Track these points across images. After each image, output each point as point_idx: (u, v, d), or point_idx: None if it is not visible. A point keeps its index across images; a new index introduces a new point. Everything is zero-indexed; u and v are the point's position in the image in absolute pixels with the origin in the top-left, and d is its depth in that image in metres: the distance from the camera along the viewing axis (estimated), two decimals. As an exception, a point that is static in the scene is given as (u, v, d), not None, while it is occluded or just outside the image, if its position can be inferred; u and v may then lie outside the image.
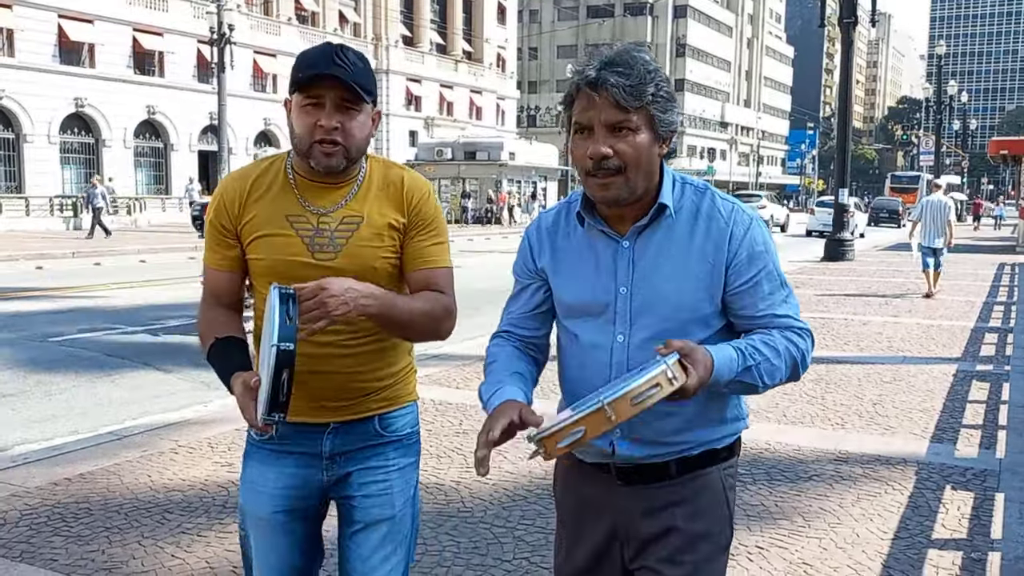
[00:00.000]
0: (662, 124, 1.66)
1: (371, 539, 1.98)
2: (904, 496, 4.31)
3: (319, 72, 1.81)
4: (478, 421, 5.56)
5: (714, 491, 1.79)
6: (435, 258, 1.98)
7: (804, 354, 1.73)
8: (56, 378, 7.06)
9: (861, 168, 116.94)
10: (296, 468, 1.98)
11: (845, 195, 19.73)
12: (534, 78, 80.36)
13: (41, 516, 3.91)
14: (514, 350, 1.88)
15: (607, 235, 1.75)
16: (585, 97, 1.64)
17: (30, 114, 30.84)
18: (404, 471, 2.04)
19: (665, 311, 1.71)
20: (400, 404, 2.05)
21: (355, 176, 1.96)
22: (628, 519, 1.79)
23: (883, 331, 9.59)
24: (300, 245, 1.90)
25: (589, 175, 1.66)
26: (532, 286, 1.88)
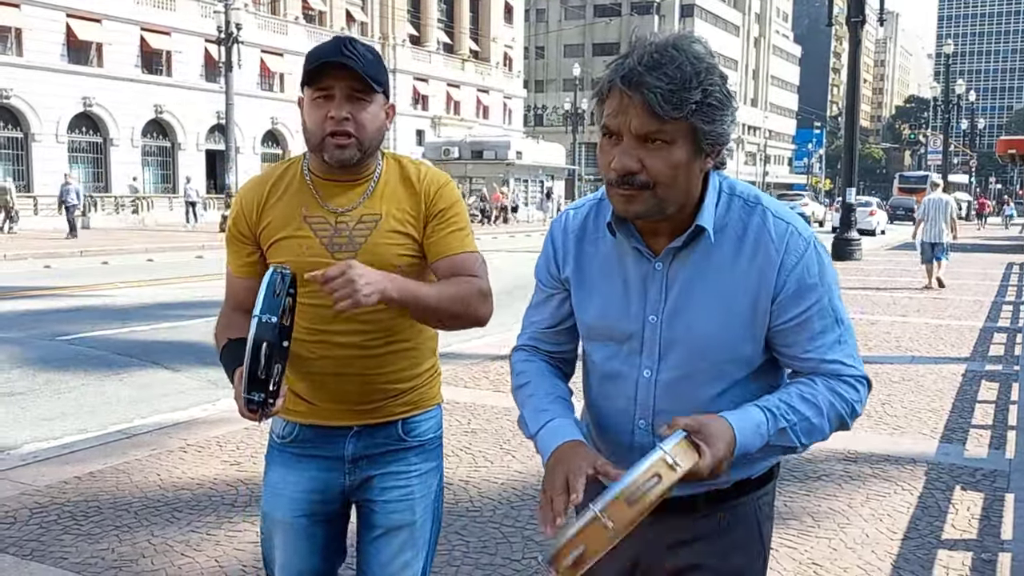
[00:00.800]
0: (707, 137, 1.40)
1: (391, 545, 1.96)
2: (913, 496, 4.29)
3: (327, 61, 1.77)
4: (486, 420, 5.58)
5: (747, 525, 1.61)
6: (459, 244, 1.92)
7: (855, 406, 1.51)
8: (65, 376, 7.08)
9: (868, 167, 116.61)
10: (318, 472, 1.96)
11: (852, 194, 19.66)
12: (541, 77, 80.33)
13: (51, 514, 3.92)
14: (545, 366, 1.70)
15: (640, 252, 1.52)
16: (617, 97, 1.38)
17: (38, 113, 30.95)
18: (425, 476, 2.01)
19: (699, 349, 1.50)
20: (424, 408, 2.03)
21: (371, 173, 1.92)
22: (652, 552, 1.61)
23: (891, 331, 9.56)
24: (319, 246, 1.88)
25: (611, 185, 1.44)
26: (557, 297, 1.67)
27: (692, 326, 1.50)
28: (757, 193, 1.55)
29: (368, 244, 1.87)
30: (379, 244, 1.88)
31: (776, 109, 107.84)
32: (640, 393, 1.55)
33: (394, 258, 1.88)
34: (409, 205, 1.91)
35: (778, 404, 1.45)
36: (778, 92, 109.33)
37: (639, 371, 1.55)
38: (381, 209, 1.90)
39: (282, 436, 2.01)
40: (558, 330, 1.69)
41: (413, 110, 49.26)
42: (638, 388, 1.55)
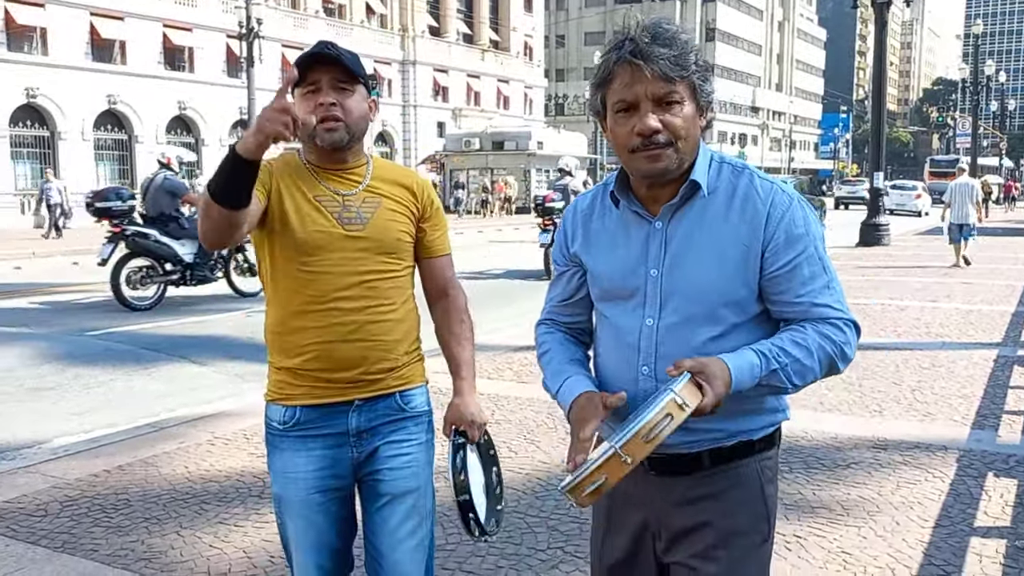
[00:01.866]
0: (703, 94, 1.63)
1: (397, 512, 2.07)
2: (945, 483, 4.23)
3: (312, 54, 1.97)
4: (510, 411, 5.58)
5: (749, 485, 1.72)
6: (444, 246, 2.23)
7: (844, 348, 1.64)
8: (94, 371, 7.17)
9: (896, 151, 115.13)
10: (325, 450, 2.05)
11: (880, 179, 19.42)
12: (562, 66, 79.98)
13: (81, 507, 3.97)
14: (562, 336, 1.89)
15: (640, 216, 1.70)
16: (627, 72, 1.58)
17: (64, 111, 31.28)
18: (424, 446, 2.16)
19: (695, 295, 1.64)
20: (416, 383, 2.17)
21: (363, 163, 2.12)
22: (661, 511, 1.74)
23: (921, 316, 9.44)
24: (331, 219, 2.03)
25: (635, 151, 1.61)
26: (568, 273, 1.86)
27: (689, 275, 1.65)
28: (744, 162, 1.74)
29: (376, 219, 2.06)
30: (385, 221, 2.08)
31: (801, 94, 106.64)
32: (643, 341, 1.69)
33: (397, 234, 2.10)
34: (403, 195, 2.13)
35: (771, 348, 1.59)
36: (803, 76, 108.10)
37: (642, 321, 1.69)
38: (380, 192, 2.10)
39: (283, 422, 2.08)
40: (571, 302, 1.88)
41: (433, 102, 49.22)
42: (641, 336, 1.69)
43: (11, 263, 16.68)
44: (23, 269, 15.85)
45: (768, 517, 1.75)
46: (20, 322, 9.63)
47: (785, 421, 1.80)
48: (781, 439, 1.81)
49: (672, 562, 1.74)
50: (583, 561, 3.34)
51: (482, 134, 40.75)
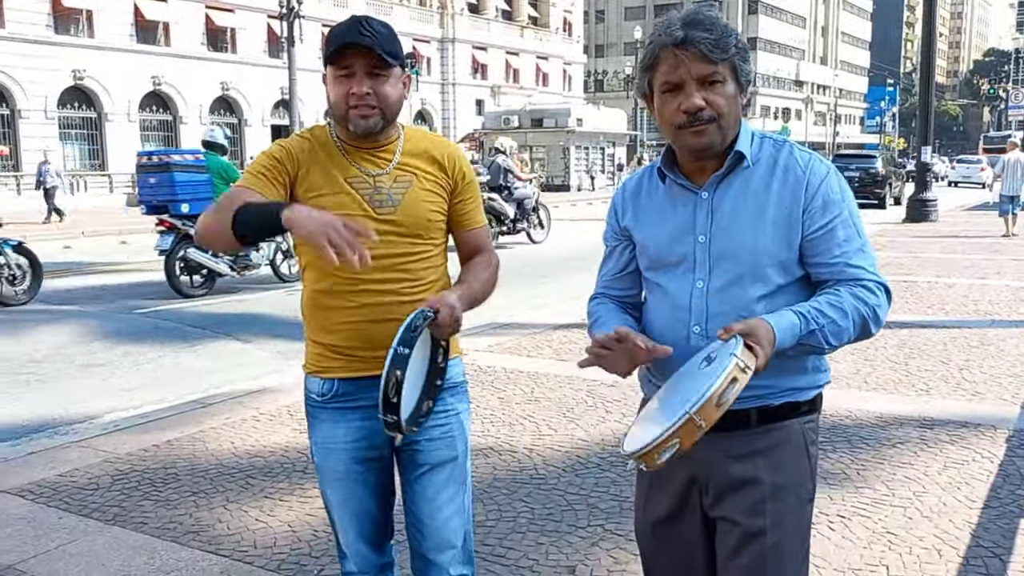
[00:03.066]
0: (743, 74, 1.75)
1: (436, 480, 2.11)
2: (994, 464, 4.15)
3: (346, 43, 1.92)
4: (549, 389, 5.59)
5: (795, 443, 1.81)
6: (479, 217, 2.21)
7: (876, 310, 1.72)
8: (143, 348, 7.32)
9: (944, 125, 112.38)
10: (362, 421, 2.07)
11: (928, 153, 18.98)
12: (601, 41, 79.16)
13: (131, 481, 4.07)
14: (613, 306, 1.98)
15: (686, 188, 1.82)
16: (671, 57, 1.71)
17: (110, 94, 31.79)
18: (459, 416, 2.18)
19: (743, 256, 1.76)
20: (451, 355, 2.15)
21: (395, 139, 2.09)
22: (708, 466, 1.80)
23: (969, 294, 9.23)
24: (361, 202, 2.02)
25: (681, 128, 1.73)
26: (619, 247, 1.98)
27: (737, 238, 1.76)
28: (783, 137, 1.87)
29: (406, 201, 2.05)
30: (416, 202, 2.06)
31: (847, 66, 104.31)
32: (694, 301, 1.80)
33: (429, 214, 2.08)
34: (434, 170, 2.11)
35: (809, 309, 1.68)
36: (849, 49, 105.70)
37: (692, 284, 1.80)
38: (412, 169, 2.08)
39: (322, 394, 2.11)
40: (623, 275, 1.98)
41: (472, 79, 49.09)
42: (692, 298, 1.80)
43: (61, 243, 17.06)
44: (72, 248, 16.20)
45: (812, 477, 1.84)
46: (71, 300, 9.87)
47: (827, 398, 1.87)
48: (822, 404, 1.90)
49: (718, 517, 1.81)
50: (623, 538, 3.34)
51: (521, 111, 40.57)
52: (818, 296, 1.73)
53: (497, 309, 8.83)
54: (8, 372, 6.53)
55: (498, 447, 4.49)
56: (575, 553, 3.28)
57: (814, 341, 1.67)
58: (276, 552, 3.32)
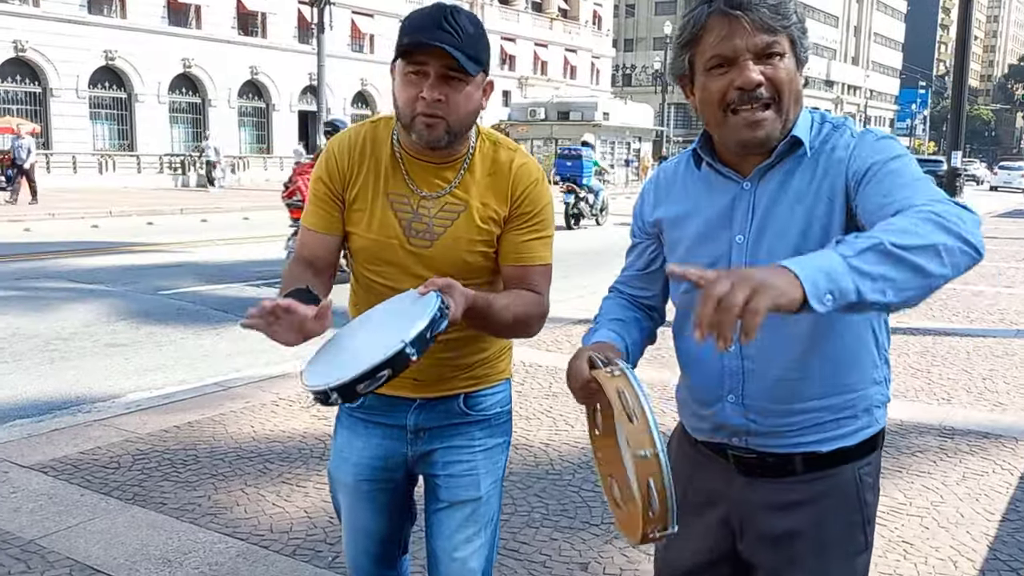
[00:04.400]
0: (803, 47, 1.48)
1: (455, 518, 1.94)
2: (1014, 476, 4.11)
3: (424, 40, 1.66)
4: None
5: (846, 493, 1.57)
6: (534, 254, 1.86)
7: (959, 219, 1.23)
8: (166, 330, 7.40)
9: (976, 130, 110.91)
10: (381, 439, 1.96)
11: (958, 158, 18.75)
12: (630, 36, 78.70)
13: (152, 461, 4.12)
14: (624, 301, 1.79)
15: (726, 177, 1.56)
16: (723, 24, 1.42)
17: (141, 75, 32.05)
18: (490, 452, 1.97)
19: (783, 260, 1.48)
20: (489, 384, 1.97)
21: (463, 155, 1.83)
22: (744, 510, 1.61)
23: (995, 302, 9.13)
24: (397, 228, 1.82)
25: (733, 112, 1.45)
26: (641, 245, 1.76)
27: (776, 242, 1.49)
28: (844, 117, 1.56)
29: (446, 235, 1.81)
30: (457, 238, 1.82)
31: (878, 68, 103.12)
32: None
33: (468, 254, 1.83)
34: (495, 199, 1.83)
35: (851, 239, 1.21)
36: (881, 50, 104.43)
37: None
38: (467, 199, 1.82)
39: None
40: (642, 274, 1.77)
41: (500, 71, 48.97)
42: None
43: (89, 221, 17.25)
44: (100, 228, 16.38)
45: (865, 525, 1.59)
46: (97, 279, 9.98)
47: (882, 425, 1.63)
48: (884, 441, 1.65)
49: (754, 563, 1.62)
50: (637, 537, 3.34)
51: (548, 104, 40.44)
52: None
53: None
54: (34, 349, 6.63)
55: (515, 441, 4.50)
56: (588, 550, 3.28)
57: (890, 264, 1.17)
58: (292, 537, 3.35)
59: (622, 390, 1.37)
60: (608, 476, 1.61)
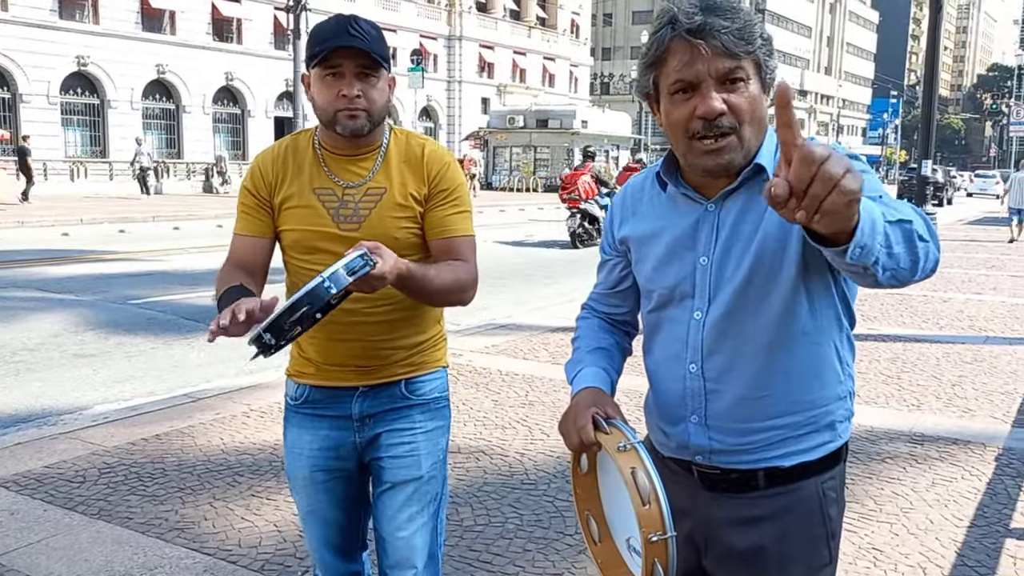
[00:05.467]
0: (768, 71, 1.45)
1: (397, 499, 2.07)
2: (982, 482, 4.15)
3: (337, 44, 1.86)
4: (544, 392, 5.58)
5: (809, 507, 1.57)
6: (457, 226, 2.03)
7: (916, 228, 1.24)
8: (136, 340, 7.31)
9: (946, 139, 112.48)
10: (330, 431, 2.08)
11: (929, 167, 18.94)
12: (608, 45, 79.03)
13: (118, 475, 4.06)
14: (598, 322, 1.81)
15: (691, 199, 1.56)
16: (685, 49, 1.41)
17: (114, 81, 31.72)
18: (431, 434, 2.11)
19: (743, 283, 1.49)
20: (427, 370, 2.11)
21: (378, 146, 2.03)
22: (708, 528, 1.61)
23: (965, 309, 9.23)
24: (326, 216, 1.98)
25: (695, 139, 1.44)
26: (610, 262, 1.77)
27: (739, 264, 1.50)
28: (811, 138, 1.53)
29: (372, 217, 1.98)
30: (383, 217, 1.98)
31: (851, 77, 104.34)
32: (691, 336, 1.57)
33: (395, 231, 1.99)
34: (413, 181, 2.01)
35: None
36: (853, 60, 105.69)
37: (690, 315, 1.57)
38: (386, 183, 2.01)
39: (295, 398, 2.14)
40: (613, 292, 1.78)
41: (478, 78, 49.03)
42: (689, 331, 1.57)
43: (59, 229, 17.04)
44: (70, 235, 16.18)
45: (829, 540, 1.60)
46: (66, 289, 9.84)
47: (846, 439, 1.62)
48: (847, 455, 1.65)
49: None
50: (609, 548, 3.33)
51: (526, 111, 40.57)
52: None
53: (495, 310, 8.83)
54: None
55: (490, 450, 4.48)
56: (562, 561, 3.27)
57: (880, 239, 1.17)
58: (261, 552, 3.31)
59: (636, 470, 1.42)
60: (585, 512, 1.66)
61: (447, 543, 3.35)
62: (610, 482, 1.59)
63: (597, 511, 1.65)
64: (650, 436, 1.73)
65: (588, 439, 1.52)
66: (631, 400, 5.02)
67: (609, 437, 1.50)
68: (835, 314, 1.55)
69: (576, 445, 1.56)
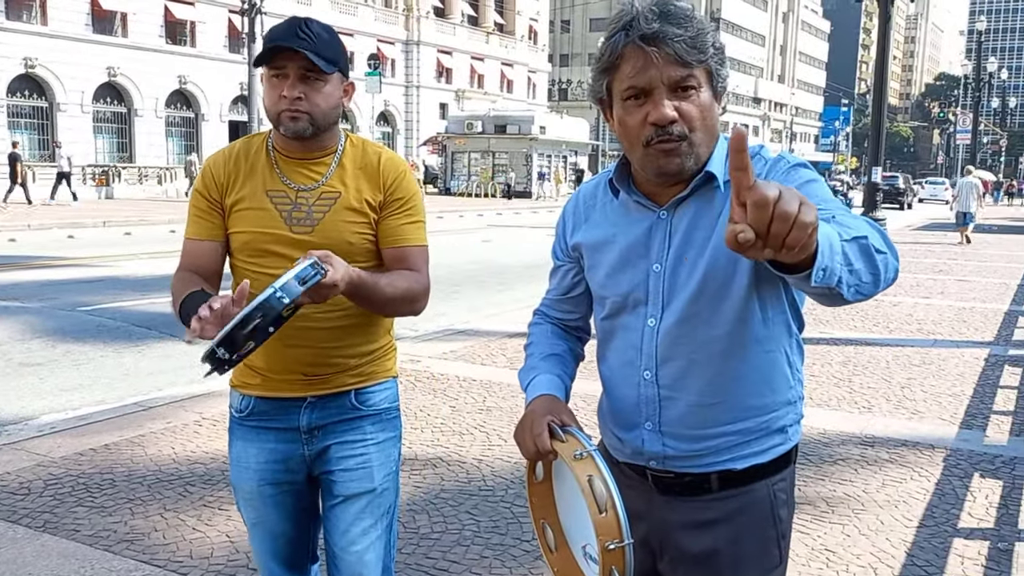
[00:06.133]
0: (720, 79, 1.47)
1: (349, 512, 2.01)
2: (931, 483, 4.24)
3: (279, 45, 1.86)
4: (502, 398, 5.57)
5: (760, 509, 1.59)
6: (410, 236, 2.01)
7: (875, 244, 1.27)
8: (84, 348, 7.14)
9: (896, 146, 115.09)
10: (276, 443, 2.02)
11: (878, 173, 19.36)
12: (566, 51, 79.52)
13: (65, 486, 3.96)
14: (550, 328, 1.82)
15: (643, 206, 1.56)
16: (638, 56, 1.42)
17: (63, 83, 31.09)
18: (383, 445, 2.06)
19: (696, 291, 1.50)
20: (377, 380, 2.07)
21: (332, 151, 2.00)
22: (663, 532, 1.63)
23: (914, 313, 9.44)
24: (278, 219, 1.94)
25: (648, 145, 1.45)
26: (563, 268, 1.77)
27: (691, 271, 1.51)
28: (759, 144, 1.58)
29: (325, 221, 1.94)
30: (336, 222, 1.95)
31: (803, 86, 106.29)
32: (645, 343, 1.57)
33: (350, 235, 1.95)
34: (368, 188, 1.99)
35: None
36: (806, 68, 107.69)
37: (644, 321, 1.57)
38: (341, 188, 1.97)
39: (240, 410, 2.07)
40: (565, 298, 1.79)
41: (436, 83, 48.99)
42: (643, 338, 1.57)
43: (6, 235, 16.61)
44: (17, 241, 15.79)
45: (779, 540, 1.62)
46: (11, 295, 9.60)
47: (796, 442, 1.65)
48: (797, 457, 1.67)
49: None
50: (566, 553, 3.33)
51: (484, 117, 40.58)
52: None
53: (453, 316, 8.81)
54: (-58, 368, 6.33)
55: (447, 457, 4.46)
56: (519, 567, 3.26)
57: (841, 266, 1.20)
58: (213, 563, 3.25)
59: (592, 477, 1.43)
60: (541, 520, 1.66)
61: (404, 551, 3.33)
62: (566, 490, 1.59)
63: (553, 519, 1.65)
64: (604, 441, 1.73)
65: (544, 448, 1.52)
66: (588, 405, 5.03)
67: (565, 445, 1.50)
68: (785, 320, 1.57)
69: (532, 454, 1.56)
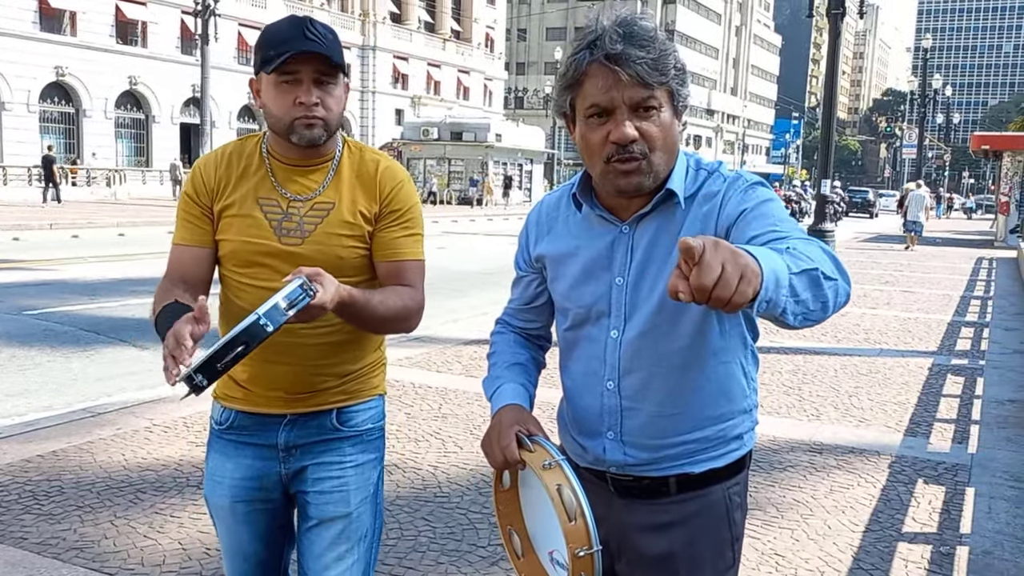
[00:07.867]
0: (681, 99, 1.51)
1: (324, 537, 1.92)
2: (876, 489, 4.35)
3: (295, 49, 1.73)
4: (457, 405, 5.58)
5: (716, 512, 1.63)
6: (406, 250, 1.92)
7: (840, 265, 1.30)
8: (31, 352, 6.98)
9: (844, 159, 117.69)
10: (253, 460, 1.94)
11: (828, 186, 19.77)
12: (522, 60, 79.89)
13: (12, 494, 3.87)
14: (513, 337, 1.83)
15: (606, 220, 1.59)
16: (602, 74, 1.45)
17: (9, 82, 30.36)
18: (361, 468, 1.96)
19: (658, 305, 1.54)
20: (361, 398, 1.98)
21: (330, 158, 1.90)
22: (621, 535, 1.65)
23: (861, 323, 9.66)
24: (267, 229, 1.85)
25: (608, 162, 1.48)
26: (526, 279, 1.78)
27: (654, 285, 1.54)
28: (717, 162, 1.62)
29: (316, 233, 1.85)
30: (328, 235, 1.85)
31: (756, 98, 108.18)
32: (608, 355, 1.60)
33: (340, 249, 1.86)
34: (364, 199, 1.89)
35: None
36: (758, 81, 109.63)
37: (607, 333, 1.60)
38: (335, 199, 1.88)
39: (220, 422, 1.98)
40: (528, 308, 1.81)
41: (392, 89, 48.84)
42: (607, 349, 1.60)
43: (-53, 236, 16.16)
44: (-41, 243, 15.36)
45: (734, 543, 1.67)
46: (-46, 298, 9.34)
47: (750, 447, 1.69)
48: (751, 462, 1.72)
49: None
50: (522, 559, 3.36)
51: (441, 124, 40.56)
52: None
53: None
54: None
55: (403, 464, 4.45)
56: (475, 573, 3.28)
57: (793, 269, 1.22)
58: (165, 570, 3.21)
59: (562, 487, 1.46)
60: (508, 527, 1.68)
61: (359, 558, 3.32)
62: (532, 497, 1.62)
63: (519, 526, 1.67)
64: (564, 446, 1.76)
65: (513, 458, 1.55)
66: (544, 413, 5.07)
67: (533, 455, 1.53)
68: (741, 332, 1.63)
69: (500, 464, 1.58)
